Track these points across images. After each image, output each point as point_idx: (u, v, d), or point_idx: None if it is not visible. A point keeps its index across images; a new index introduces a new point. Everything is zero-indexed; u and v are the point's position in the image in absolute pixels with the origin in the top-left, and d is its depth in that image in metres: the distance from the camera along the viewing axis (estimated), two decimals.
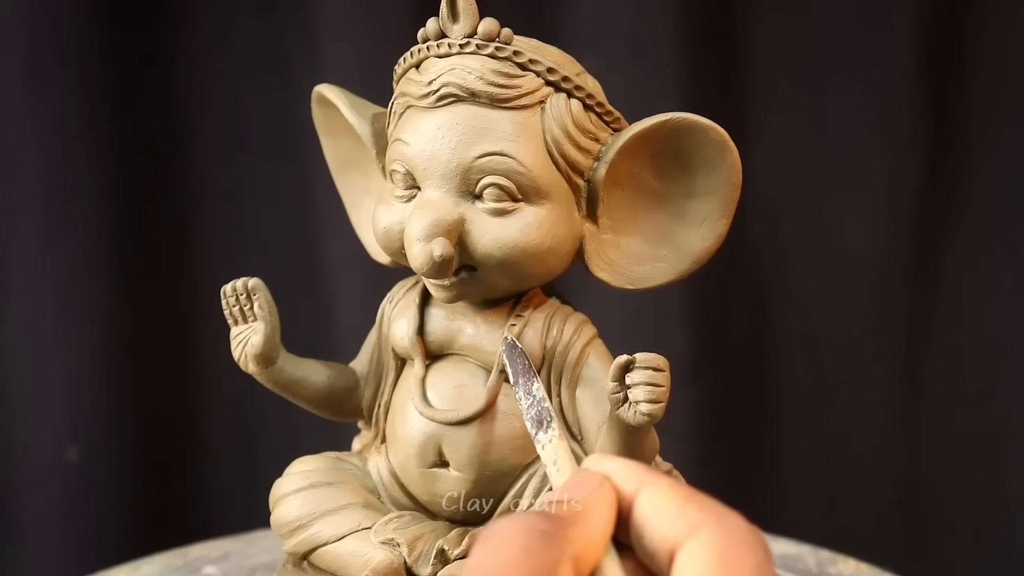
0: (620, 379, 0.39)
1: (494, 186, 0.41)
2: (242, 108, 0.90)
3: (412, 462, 0.45)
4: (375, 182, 0.49)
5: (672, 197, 0.45)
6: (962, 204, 0.89)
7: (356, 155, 0.50)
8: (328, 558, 0.44)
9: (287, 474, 0.46)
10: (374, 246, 0.50)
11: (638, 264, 0.45)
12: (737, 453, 0.95)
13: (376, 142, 0.47)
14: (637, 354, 0.38)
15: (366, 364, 0.48)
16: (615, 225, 0.45)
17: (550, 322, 0.44)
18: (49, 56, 0.84)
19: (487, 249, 0.42)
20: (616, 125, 0.44)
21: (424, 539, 0.43)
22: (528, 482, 0.44)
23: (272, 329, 0.45)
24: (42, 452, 0.91)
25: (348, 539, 0.43)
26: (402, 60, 0.44)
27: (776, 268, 0.92)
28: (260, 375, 0.46)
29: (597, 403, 0.43)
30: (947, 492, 0.94)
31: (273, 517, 0.45)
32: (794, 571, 0.65)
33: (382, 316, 0.48)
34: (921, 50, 0.86)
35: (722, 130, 0.43)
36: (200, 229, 0.93)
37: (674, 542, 0.27)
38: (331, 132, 0.51)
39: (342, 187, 0.52)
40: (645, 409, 0.38)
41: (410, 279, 0.48)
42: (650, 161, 0.44)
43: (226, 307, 0.45)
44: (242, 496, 0.86)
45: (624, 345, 0.47)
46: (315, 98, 0.50)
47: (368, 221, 0.49)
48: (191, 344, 0.93)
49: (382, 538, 0.43)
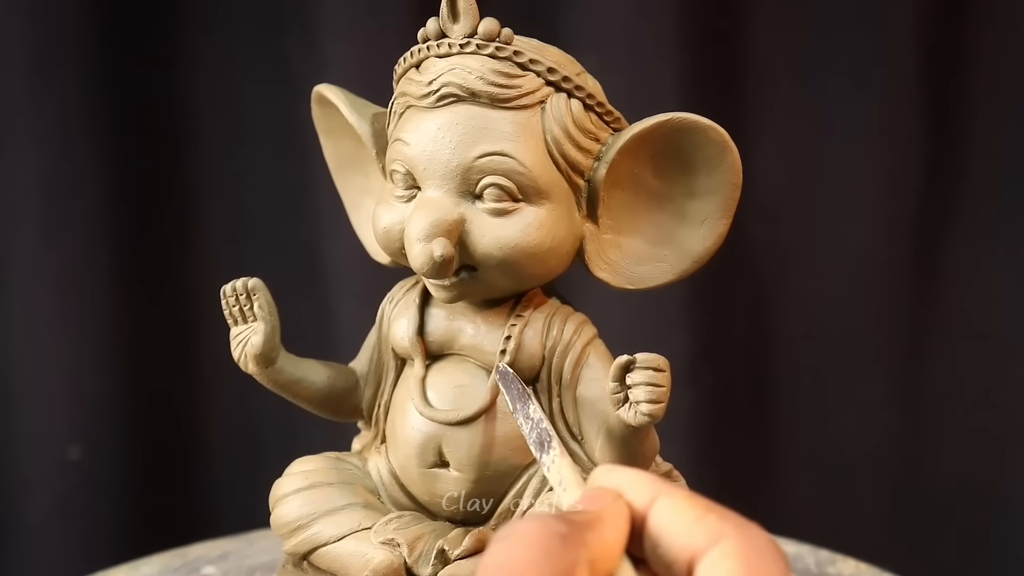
0: (621, 379, 0.39)
1: (494, 186, 0.41)
2: (243, 108, 0.90)
3: (412, 462, 0.45)
4: (375, 182, 0.49)
5: (672, 197, 0.45)
6: (962, 204, 0.89)
7: (356, 155, 0.50)
8: (328, 558, 0.44)
9: (287, 474, 0.46)
10: (374, 246, 0.50)
11: (638, 264, 0.45)
12: (737, 453, 0.95)
13: (376, 142, 0.47)
14: (638, 354, 0.38)
15: (366, 364, 0.48)
16: (615, 225, 0.45)
17: (550, 322, 0.44)
18: (49, 56, 0.84)
19: (487, 249, 0.42)
20: (616, 125, 0.44)
21: (424, 539, 0.43)
22: (528, 482, 0.44)
23: (272, 329, 0.45)
24: (43, 451, 0.91)
25: (348, 539, 0.43)
26: (402, 60, 0.44)
27: (776, 268, 0.92)
28: (260, 375, 0.46)
29: (597, 403, 0.43)
30: (947, 492, 0.94)
31: (273, 517, 0.45)
32: (794, 571, 0.65)
33: (382, 316, 0.48)
34: (921, 50, 0.86)
35: (722, 130, 0.43)
36: (201, 228, 0.93)
37: (694, 551, 0.27)
38: (331, 132, 0.51)
39: (342, 187, 0.52)
40: (646, 409, 0.38)
41: (410, 279, 0.48)
42: (650, 161, 0.44)
43: (226, 307, 0.45)
44: (243, 496, 0.86)
45: (625, 345, 0.47)
46: (315, 98, 0.50)
47: (368, 221, 0.49)
48: (191, 343, 0.93)
49: (382, 538, 0.43)
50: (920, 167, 0.89)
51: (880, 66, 0.87)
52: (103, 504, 0.92)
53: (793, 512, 0.94)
